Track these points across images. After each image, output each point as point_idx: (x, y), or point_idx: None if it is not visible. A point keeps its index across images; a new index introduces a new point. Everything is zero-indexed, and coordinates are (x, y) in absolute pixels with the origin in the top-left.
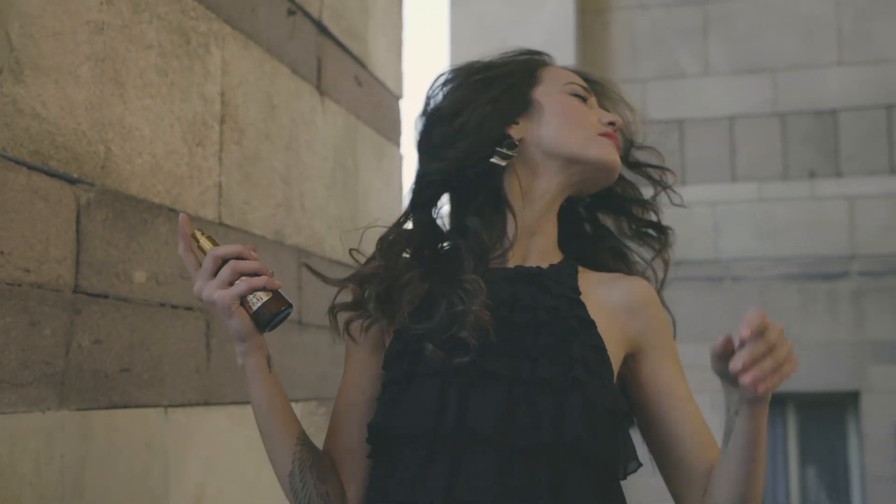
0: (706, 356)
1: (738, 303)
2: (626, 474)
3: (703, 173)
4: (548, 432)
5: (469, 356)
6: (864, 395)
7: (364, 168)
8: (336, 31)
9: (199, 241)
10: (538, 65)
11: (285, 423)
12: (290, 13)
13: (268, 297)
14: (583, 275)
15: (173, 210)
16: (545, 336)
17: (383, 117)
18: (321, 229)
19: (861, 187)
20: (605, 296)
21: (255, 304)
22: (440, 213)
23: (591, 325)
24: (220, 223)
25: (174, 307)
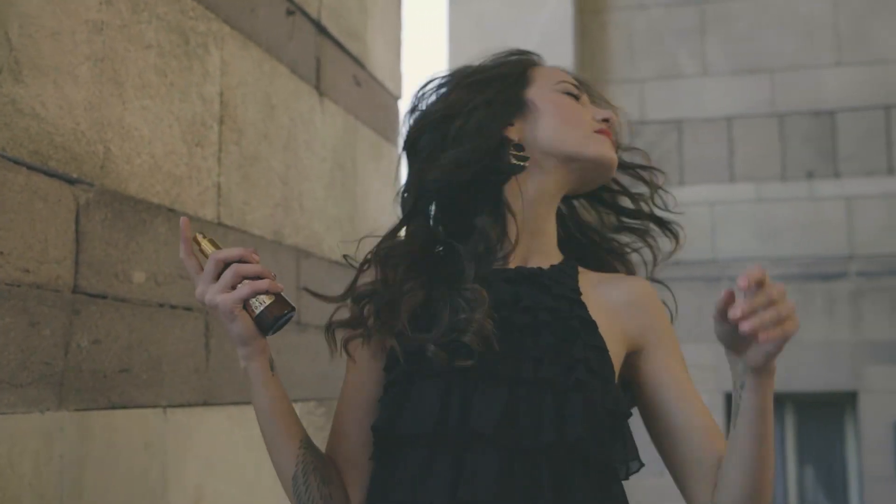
0: (704, 356)
1: None
2: (629, 474)
3: (701, 173)
4: (549, 432)
5: (472, 360)
6: (862, 395)
7: (363, 168)
8: (335, 32)
9: (201, 244)
10: (528, 65)
11: (288, 427)
12: (289, 13)
13: (270, 300)
14: (583, 275)
15: (172, 210)
16: (546, 336)
17: (382, 117)
18: (320, 229)
19: (859, 188)
20: (606, 296)
21: (258, 308)
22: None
23: (593, 325)
24: (219, 223)
25: (173, 307)
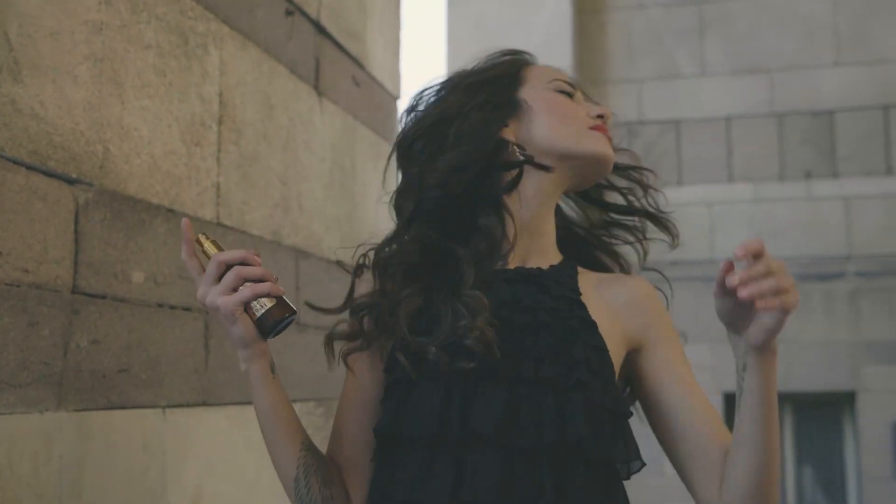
0: (703, 356)
1: None
2: (630, 474)
3: (699, 173)
4: (550, 432)
5: (473, 362)
6: (861, 395)
7: (362, 168)
8: (334, 32)
9: (203, 245)
10: (521, 65)
11: (289, 429)
12: (289, 13)
13: (272, 303)
14: (583, 275)
15: (171, 210)
16: (546, 337)
17: (381, 117)
18: (319, 229)
19: (858, 188)
20: (606, 296)
21: (259, 311)
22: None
23: (593, 325)
24: (218, 223)
25: (172, 307)
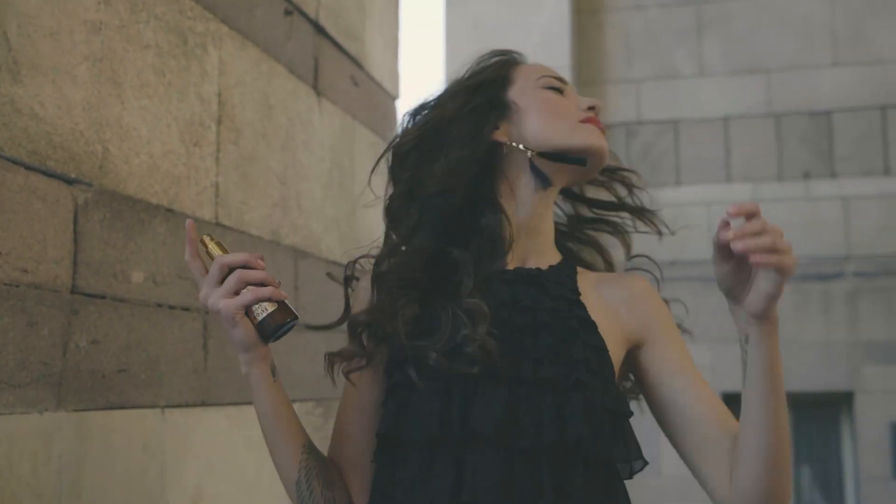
0: (702, 356)
1: None
2: (633, 474)
3: (697, 174)
4: (550, 432)
5: (474, 368)
6: (859, 395)
7: (361, 168)
8: (333, 32)
9: (208, 246)
10: (510, 66)
11: (291, 432)
12: (287, 13)
13: (273, 307)
14: (582, 275)
15: (171, 210)
16: (545, 337)
17: (380, 117)
18: (318, 229)
19: (856, 188)
20: (605, 295)
21: (261, 315)
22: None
23: (592, 325)
24: (217, 223)
25: (171, 308)
